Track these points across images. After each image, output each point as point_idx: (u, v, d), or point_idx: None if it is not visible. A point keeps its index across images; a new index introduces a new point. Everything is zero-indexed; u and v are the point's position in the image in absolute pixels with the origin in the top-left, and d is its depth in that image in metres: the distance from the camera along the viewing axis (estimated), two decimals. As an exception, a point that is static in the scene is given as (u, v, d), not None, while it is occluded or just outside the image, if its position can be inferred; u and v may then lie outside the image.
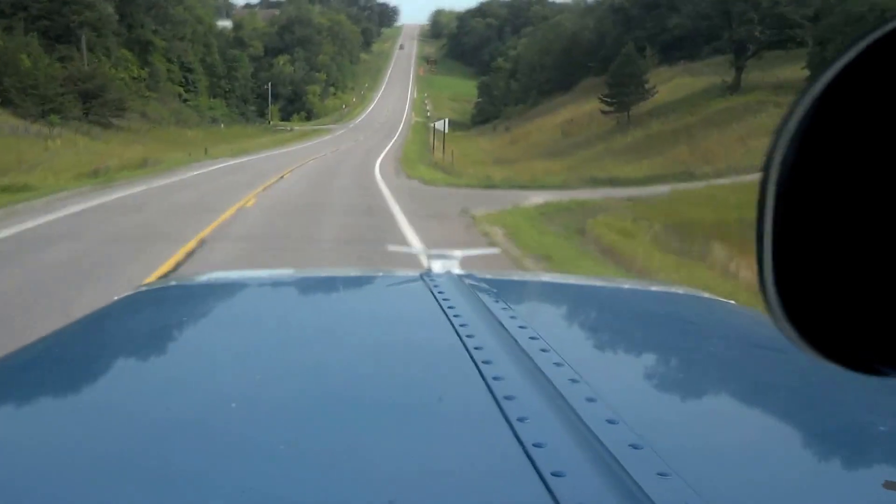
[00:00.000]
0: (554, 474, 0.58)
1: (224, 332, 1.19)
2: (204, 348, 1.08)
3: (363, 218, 11.82)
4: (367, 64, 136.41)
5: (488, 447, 0.67)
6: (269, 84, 74.94)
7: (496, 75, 77.54)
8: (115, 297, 1.41)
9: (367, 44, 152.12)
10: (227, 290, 1.57)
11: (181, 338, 1.18)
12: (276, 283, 1.69)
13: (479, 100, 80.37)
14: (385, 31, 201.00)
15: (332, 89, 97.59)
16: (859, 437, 0.80)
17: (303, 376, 0.90)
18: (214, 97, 63.16)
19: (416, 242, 8.61)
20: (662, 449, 0.63)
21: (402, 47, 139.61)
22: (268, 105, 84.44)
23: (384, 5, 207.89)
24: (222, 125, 52.79)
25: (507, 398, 0.74)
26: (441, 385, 0.85)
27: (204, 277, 1.75)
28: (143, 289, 1.48)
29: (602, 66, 46.83)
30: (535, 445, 0.63)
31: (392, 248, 3.11)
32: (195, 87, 54.10)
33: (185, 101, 52.11)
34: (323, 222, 11.36)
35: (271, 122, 71.97)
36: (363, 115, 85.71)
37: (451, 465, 0.65)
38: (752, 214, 0.32)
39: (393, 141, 50.23)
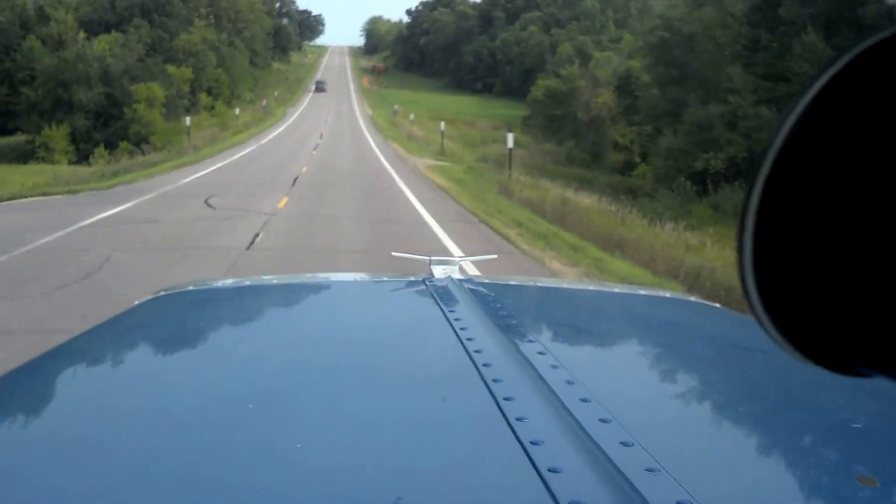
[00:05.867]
0: (551, 470, 0.60)
1: (236, 335, 1.25)
2: (219, 351, 1.14)
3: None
4: (283, 73, 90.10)
5: (489, 445, 0.70)
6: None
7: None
8: (136, 302, 1.46)
9: (282, 49, 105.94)
10: (240, 294, 1.65)
11: (199, 341, 1.21)
12: (287, 288, 1.72)
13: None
14: (308, 46, 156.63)
15: (206, 98, 50.31)
16: (838, 435, 0.83)
17: (314, 378, 0.93)
18: None
19: None
20: (651, 446, 0.66)
21: (321, 88, 76.87)
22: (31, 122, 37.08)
23: (306, 13, 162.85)
24: None
25: (507, 399, 0.76)
26: (443, 386, 0.88)
27: (219, 283, 1.83)
28: (162, 293, 1.53)
29: None
30: (532, 443, 0.65)
31: (396, 254, 2.23)
32: None
33: None
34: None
35: None
36: (252, 147, 30.70)
37: (454, 462, 0.68)
38: None
39: None
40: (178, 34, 52.62)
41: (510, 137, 18.81)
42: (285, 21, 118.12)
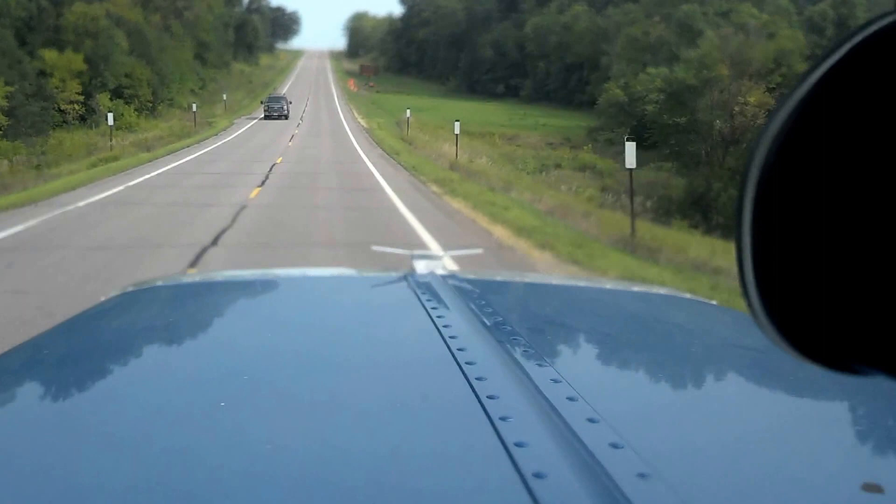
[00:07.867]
0: (535, 475, 0.58)
1: (209, 332, 1.21)
2: (190, 349, 1.11)
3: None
4: (248, 76, 71.84)
5: (472, 447, 0.68)
6: None
7: None
8: (102, 298, 1.41)
9: (248, 48, 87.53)
10: (211, 289, 1.58)
11: (168, 338, 1.18)
12: (261, 283, 1.67)
13: None
14: (281, 48, 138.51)
15: (107, 101, 31.65)
16: (838, 438, 0.81)
17: (288, 377, 0.91)
18: None
19: None
20: (642, 448, 0.64)
21: (275, 112, 37.93)
22: None
23: (280, 11, 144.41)
24: None
25: (490, 398, 0.74)
26: (425, 385, 0.86)
27: (189, 279, 1.75)
28: (130, 289, 1.48)
29: None
30: (516, 445, 0.63)
31: (376, 248, 2.44)
32: None
33: None
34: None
35: None
36: (20, 228, 9.82)
37: (435, 464, 0.66)
38: None
39: None
40: (71, 6, 34.06)
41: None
42: (255, 17, 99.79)
